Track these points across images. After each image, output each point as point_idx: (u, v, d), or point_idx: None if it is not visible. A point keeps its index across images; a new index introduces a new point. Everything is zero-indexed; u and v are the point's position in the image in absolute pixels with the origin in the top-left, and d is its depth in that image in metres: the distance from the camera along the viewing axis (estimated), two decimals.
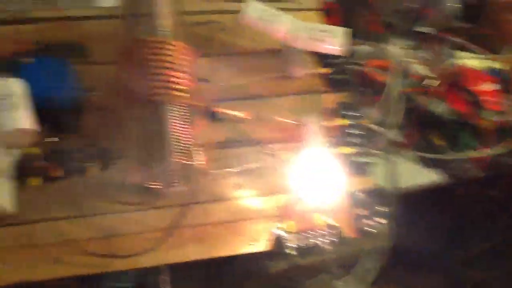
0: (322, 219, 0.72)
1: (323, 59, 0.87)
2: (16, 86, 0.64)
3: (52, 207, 0.66)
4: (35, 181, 0.66)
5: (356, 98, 0.87)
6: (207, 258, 0.68)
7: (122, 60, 0.71)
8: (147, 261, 0.66)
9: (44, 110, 0.67)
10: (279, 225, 0.71)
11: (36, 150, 0.68)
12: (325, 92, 0.86)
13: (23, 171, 0.66)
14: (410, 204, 0.83)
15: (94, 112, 0.72)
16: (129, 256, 0.65)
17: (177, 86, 0.68)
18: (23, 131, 0.61)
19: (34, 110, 0.66)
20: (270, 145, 0.78)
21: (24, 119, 0.61)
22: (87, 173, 0.69)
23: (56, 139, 0.68)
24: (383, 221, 0.75)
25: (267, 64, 0.86)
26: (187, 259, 0.68)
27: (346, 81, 0.87)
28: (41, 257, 0.64)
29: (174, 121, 0.67)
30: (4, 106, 0.62)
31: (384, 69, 0.95)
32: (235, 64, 0.85)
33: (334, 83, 0.87)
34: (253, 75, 0.84)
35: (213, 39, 0.87)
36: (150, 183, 0.68)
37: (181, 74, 0.69)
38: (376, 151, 0.82)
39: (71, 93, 0.70)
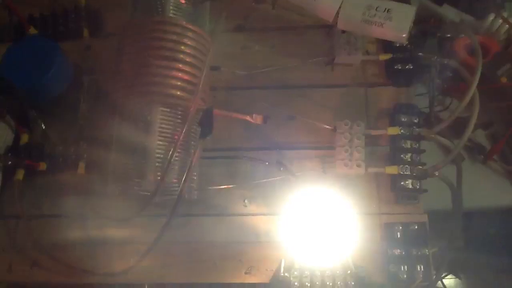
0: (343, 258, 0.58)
1: (385, 41, 0.67)
2: None
3: (33, 203, 0.62)
4: (19, 175, 0.61)
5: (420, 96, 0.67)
6: (193, 282, 0.60)
7: (122, 42, 0.60)
8: (127, 278, 0.59)
9: (33, 95, 0.60)
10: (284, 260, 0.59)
11: (25, 139, 0.62)
12: (383, 86, 0.67)
13: (8, 163, 0.61)
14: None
15: (91, 98, 0.64)
16: (110, 274, 0.59)
17: (174, 83, 0.56)
18: None
19: (20, 94, 0.59)
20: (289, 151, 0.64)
21: None
22: (73, 169, 0.62)
23: (42, 126, 0.62)
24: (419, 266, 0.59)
25: (313, 44, 0.69)
26: (172, 281, 0.60)
27: (413, 72, 0.66)
28: (19, 259, 0.61)
29: (164, 126, 0.56)
30: None
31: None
32: (271, 42, 0.69)
33: (397, 75, 0.66)
34: (291, 58, 0.68)
35: (249, 10, 0.71)
36: (140, 190, 0.59)
37: (183, 67, 0.56)
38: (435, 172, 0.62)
39: (62, 77, 0.61)
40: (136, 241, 0.60)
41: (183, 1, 0.60)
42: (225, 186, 0.61)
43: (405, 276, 0.59)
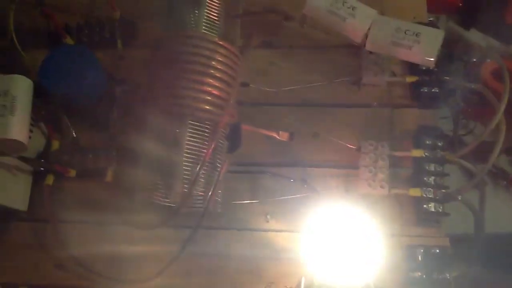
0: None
1: (411, 63, 0.67)
2: (16, 84, 0.57)
3: (62, 208, 0.63)
4: (48, 180, 0.63)
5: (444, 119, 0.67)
6: None
7: (154, 54, 0.61)
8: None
9: (67, 102, 0.62)
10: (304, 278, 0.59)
11: (56, 145, 0.64)
12: (408, 107, 0.67)
13: (40, 168, 0.63)
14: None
15: (122, 108, 0.66)
16: (131, 283, 0.60)
17: (205, 97, 0.57)
18: (11, 142, 0.56)
19: (55, 101, 0.61)
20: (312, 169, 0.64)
21: (16, 128, 0.56)
22: (102, 177, 0.63)
23: (73, 134, 0.64)
24: None
25: (340, 63, 0.70)
26: None
27: (438, 95, 0.67)
28: (45, 260, 0.62)
29: (192, 139, 0.57)
30: None
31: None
32: (298, 60, 0.70)
33: (422, 97, 0.67)
34: (317, 76, 0.68)
35: (278, 28, 0.72)
36: (165, 200, 0.59)
37: (213, 82, 0.58)
38: (458, 197, 0.62)
39: (97, 86, 0.63)
40: (159, 251, 0.61)
41: (216, 17, 0.62)
42: (248, 201, 0.62)
43: None
